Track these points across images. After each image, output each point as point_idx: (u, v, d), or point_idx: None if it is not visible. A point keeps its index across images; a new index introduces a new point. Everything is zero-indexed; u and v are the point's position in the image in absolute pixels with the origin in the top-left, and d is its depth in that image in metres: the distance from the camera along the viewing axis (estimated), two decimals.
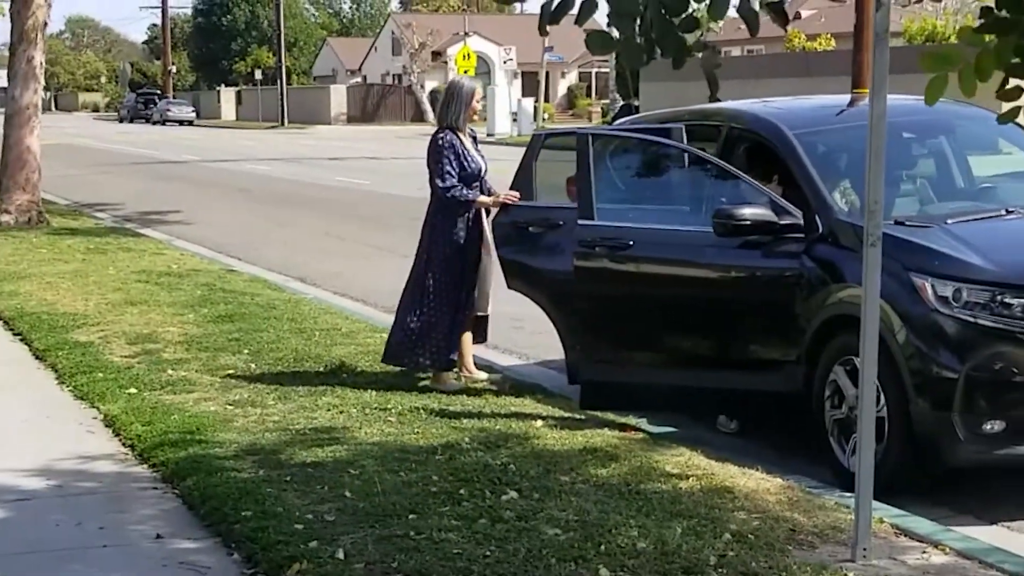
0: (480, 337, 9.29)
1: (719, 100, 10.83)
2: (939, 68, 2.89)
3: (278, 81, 78.47)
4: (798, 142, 8.11)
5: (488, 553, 5.53)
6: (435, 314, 8.93)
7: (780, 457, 7.51)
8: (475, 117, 9.15)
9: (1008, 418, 6.59)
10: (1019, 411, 6.60)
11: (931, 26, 50.32)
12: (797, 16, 63.75)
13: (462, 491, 6.37)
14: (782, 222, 7.64)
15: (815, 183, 7.81)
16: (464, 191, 8.97)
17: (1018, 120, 3.34)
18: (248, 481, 6.58)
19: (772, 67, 49.95)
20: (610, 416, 8.10)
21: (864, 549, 5.67)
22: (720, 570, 5.38)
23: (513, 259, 8.82)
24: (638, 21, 2.87)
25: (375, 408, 8.20)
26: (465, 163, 9.02)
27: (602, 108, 75.08)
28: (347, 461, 6.95)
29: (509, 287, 8.85)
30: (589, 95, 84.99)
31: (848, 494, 6.60)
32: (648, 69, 56.60)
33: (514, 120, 57.65)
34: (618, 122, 10.35)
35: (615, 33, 3.08)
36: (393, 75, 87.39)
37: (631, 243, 8.17)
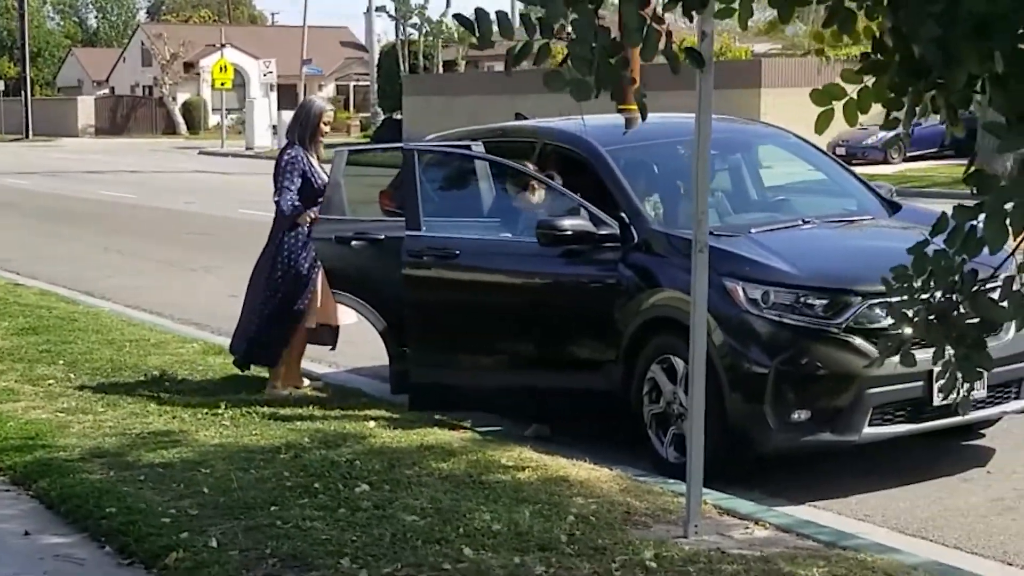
0: (331, 345, 9.82)
1: (526, 118, 11.66)
2: (826, 103, 3.53)
3: (22, 92, 76.47)
4: (611, 157, 8.86)
5: (355, 538, 6.05)
6: (275, 322, 9.39)
7: (598, 451, 8.16)
8: (322, 137, 9.65)
9: (813, 408, 7.42)
10: (823, 401, 7.44)
11: (692, 44, 52.39)
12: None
13: (316, 485, 6.86)
14: (600, 232, 8.35)
15: (629, 196, 8.56)
16: (292, 203, 9.42)
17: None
18: (102, 481, 6.94)
19: (537, 83, 51.02)
20: (438, 417, 8.64)
21: (695, 526, 6.38)
22: (571, 547, 6.00)
23: (338, 272, 9.32)
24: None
25: (206, 413, 8.60)
26: (311, 180, 9.53)
27: (362, 121, 75.50)
28: (195, 461, 7.36)
29: (336, 300, 9.34)
30: (347, 108, 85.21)
31: (672, 480, 7.36)
32: (411, 84, 57.07)
33: (274, 133, 57.59)
34: (428, 137, 10.92)
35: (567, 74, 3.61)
36: (143, 86, 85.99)
37: (458, 252, 8.78)
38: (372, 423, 8.37)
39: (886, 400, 7.45)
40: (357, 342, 10.57)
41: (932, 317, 3.36)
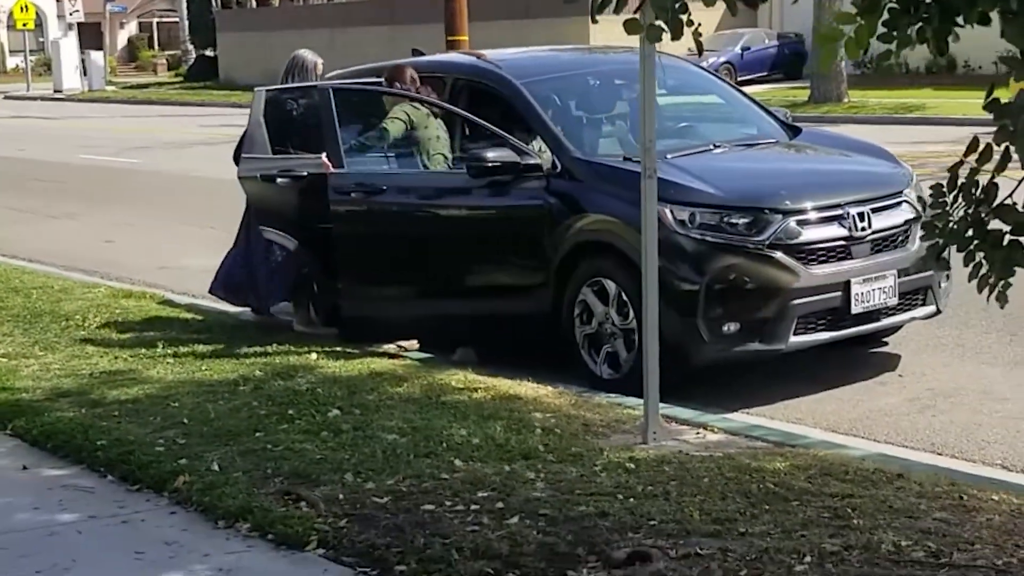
0: None
1: (423, 54, 12.22)
2: (829, 42, 4.17)
3: None
4: (527, 90, 9.47)
5: (348, 456, 6.62)
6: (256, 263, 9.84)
7: (526, 372, 8.72)
8: None
9: (743, 320, 8.18)
10: (751, 314, 8.20)
11: None
12: None
13: (290, 411, 7.40)
14: (524, 162, 8.98)
15: (548, 126, 9.19)
16: None
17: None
18: (79, 418, 7.38)
19: (359, 15, 51.32)
20: (372, 348, 9.17)
21: (654, 433, 7.09)
22: (551, 454, 6.66)
23: (265, 209, 9.79)
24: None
25: (146, 353, 9.04)
26: None
27: (169, 59, 74.49)
28: (161, 396, 7.83)
29: (265, 236, 9.79)
30: (152, 46, 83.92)
31: (613, 395, 8.08)
32: (225, 20, 56.37)
33: (83, 74, 56.70)
34: (330, 75, 11.33)
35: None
36: None
37: (384, 188, 9.33)
38: (313, 355, 8.89)
39: (809, 310, 8.25)
40: None
41: (969, 230, 4.01)
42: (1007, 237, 3.99)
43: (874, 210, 8.53)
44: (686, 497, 5.91)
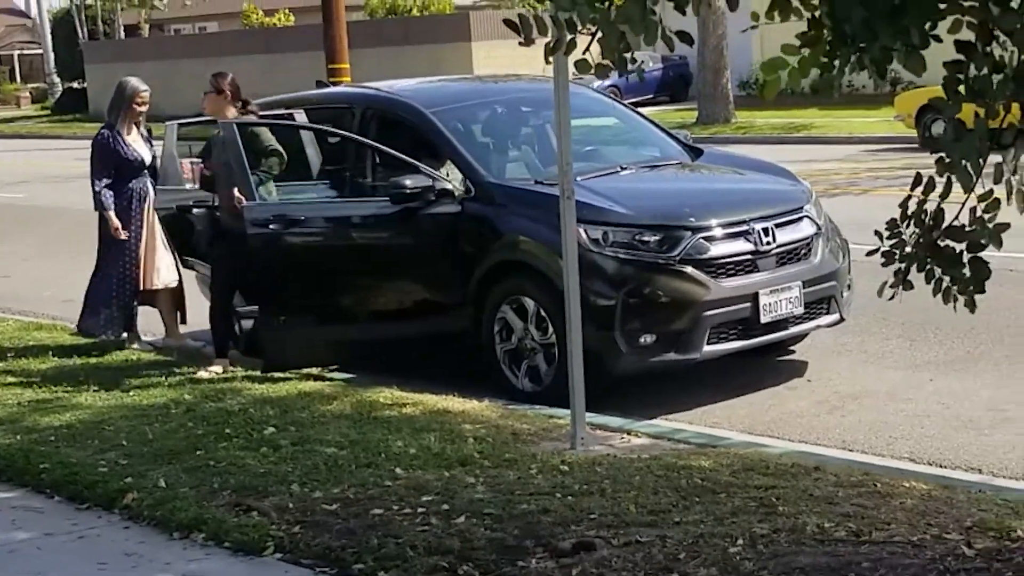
0: (181, 319, 10.72)
1: (328, 86, 12.77)
2: (773, 71, 4.73)
3: None
4: (437, 119, 10.01)
5: (291, 469, 7.07)
6: (107, 290, 10.30)
7: (455, 388, 9.23)
8: (139, 116, 10.54)
9: (658, 331, 8.78)
10: (666, 325, 8.80)
11: (391, 1, 53.55)
12: None
13: (226, 431, 7.84)
14: (440, 187, 9.50)
15: (461, 153, 9.74)
16: (107, 198, 10.48)
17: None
18: (16, 444, 7.76)
19: (232, 44, 51.50)
20: (292, 372, 9.62)
21: (582, 439, 7.63)
22: (485, 461, 7.17)
23: (184, 240, 10.23)
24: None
25: (70, 381, 9.43)
26: (123, 156, 10.42)
27: (33, 92, 73.89)
28: (95, 422, 8.22)
29: (184, 266, 10.22)
30: (13, 79, 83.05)
31: (537, 406, 8.61)
32: (93, 51, 56.12)
33: None
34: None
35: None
36: None
37: (303, 217, 9.77)
38: (240, 378, 9.32)
39: (720, 321, 8.87)
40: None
41: (927, 255, 4.60)
42: (965, 255, 4.59)
43: (778, 225, 9.20)
44: (621, 493, 6.45)
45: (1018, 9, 4.36)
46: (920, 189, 4.60)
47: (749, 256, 9.01)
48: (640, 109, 11.81)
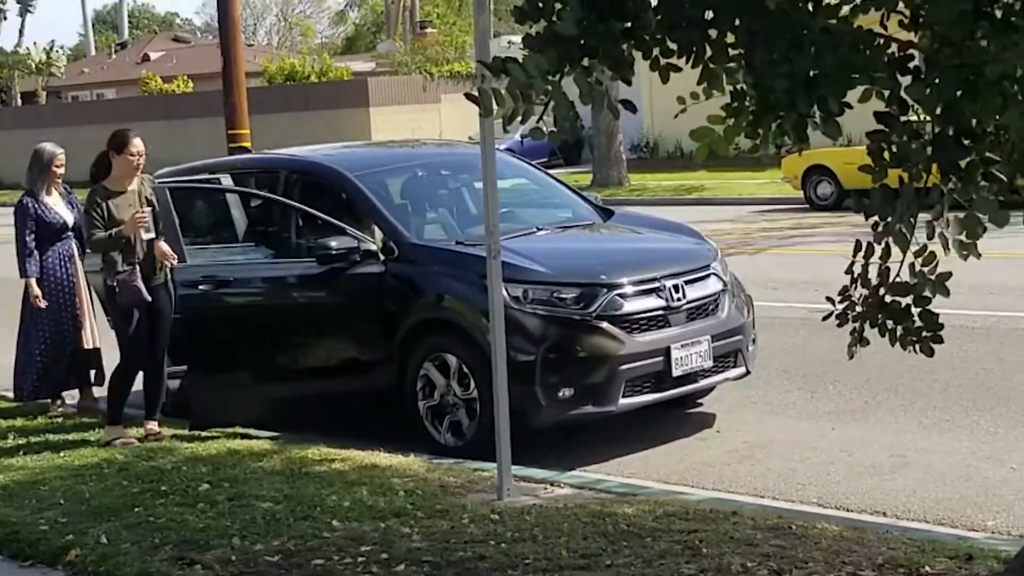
0: (98, 380, 10.73)
1: (248, 151, 12.99)
2: (702, 138, 4.98)
3: None
4: (360, 182, 10.20)
5: (230, 523, 7.17)
6: (31, 352, 10.37)
7: (377, 443, 9.37)
8: (58, 179, 10.61)
9: (576, 385, 8.98)
10: (584, 379, 9.00)
11: (289, 66, 53.72)
12: (146, 58, 65.42)
13: (162, 488, 7.92)
14: (364, 248, 9.68)
15: (383, 214, 9.92)
16: (30, 265, 10.60)
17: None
18: None
19: (132, 111, 51.29)
20: (218, 431, 9.71)
21: (508, 489, 7.81)
22: (417, 512, 7.33)
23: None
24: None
25: None
26: (45, 220, 10.50)
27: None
28: (29, 482, 8.26)
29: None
30: None
31: (460, 460, 8.78)
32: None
33: None
34: (161, 172, 11.84)
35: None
36: None
37: (231, 278, 9.90)
38: (168, 438, 9.38)
39: (635, 374, 9.11)
40: None
41: (879, 312, 4.90)
42: (913, 308, 4.88)
43: (687, 282, 9.48)
44: (552, 539, 6.64)
45: (924, 80, 4.66)
46: (861, 254, 4.88)
47: (661, 312, 9.27)
48: None
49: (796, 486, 8.23)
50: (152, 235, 9.41)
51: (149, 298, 9.37)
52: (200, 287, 9.86)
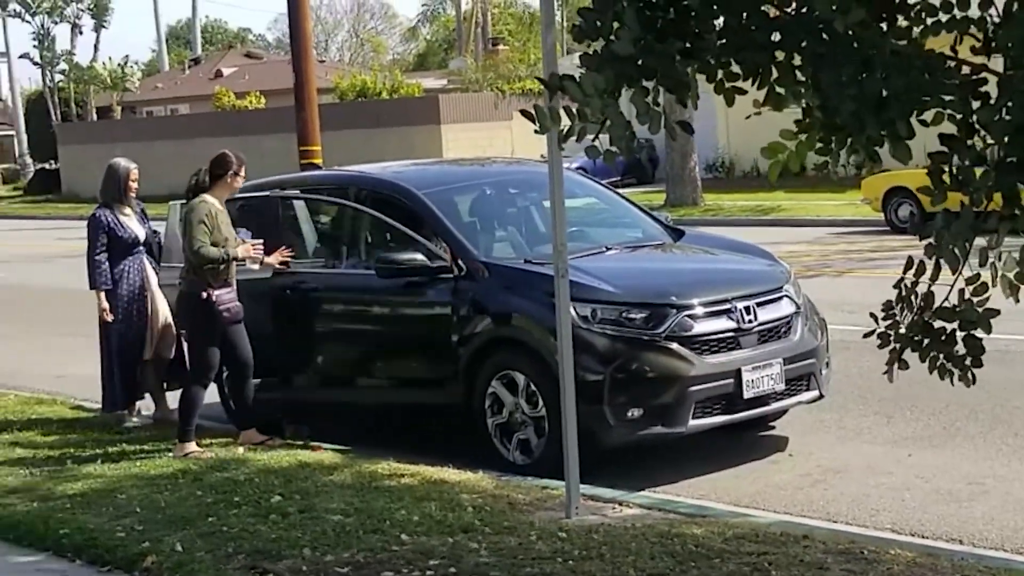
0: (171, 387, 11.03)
1: (319, 167, 13.31)
2: (774, 155, 5.11)
3: None
4: (429, 200, 10.40)
5: (300, 535, 7.37)
6: (108, 367, 10.64)
7: (447, 459, 9.54)
8: (131, 194, 10.92)
9: (645, 405, 9.12)
10: (653, 400, 9.13)
11: (361, 83, 54.14)
12: (219, 74, 66.16)
13: (235, 499, 8.13)
14: (433, 264, 9.89)
15: (451, 233, 10.11)
16: (100, 277, 10.83)
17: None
18: (34, 511, 8.05)
19: (205, 126, 51.98)
20: (289, 444, 9.94)
21: (576, 508, 7.95)
22: (485, 528, 7.48)
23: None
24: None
25: (74, 453, 9.70)
26: (118, 234, 10.79)
27: (4, 173, 74.12)
28: (107, 490, 8.51)
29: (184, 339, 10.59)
30: None
31: (529, 477, 8.94)
32: (66, 133, 56.37)
33: None
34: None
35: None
36: None
37: (307, 287, 10.24)
38: (241, 449, 9.62)
39: (705, 396, 9.22)
40: None
41: (920, 335, 4.97)
42: (959, 334, 4.95)
43: (759, 304, 9.58)
44: (619, 558, 6.77)
45: (995, 104, 4.76)
46: (912, 272, 4.96)
47: (732, 333, 9.38)
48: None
49: (870, 511, 8.29)
50: (258, 267, 9.77)
51: (241, 317, 9.79)
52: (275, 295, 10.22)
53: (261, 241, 10.01)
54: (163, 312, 10.92)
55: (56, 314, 19.23)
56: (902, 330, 5.06)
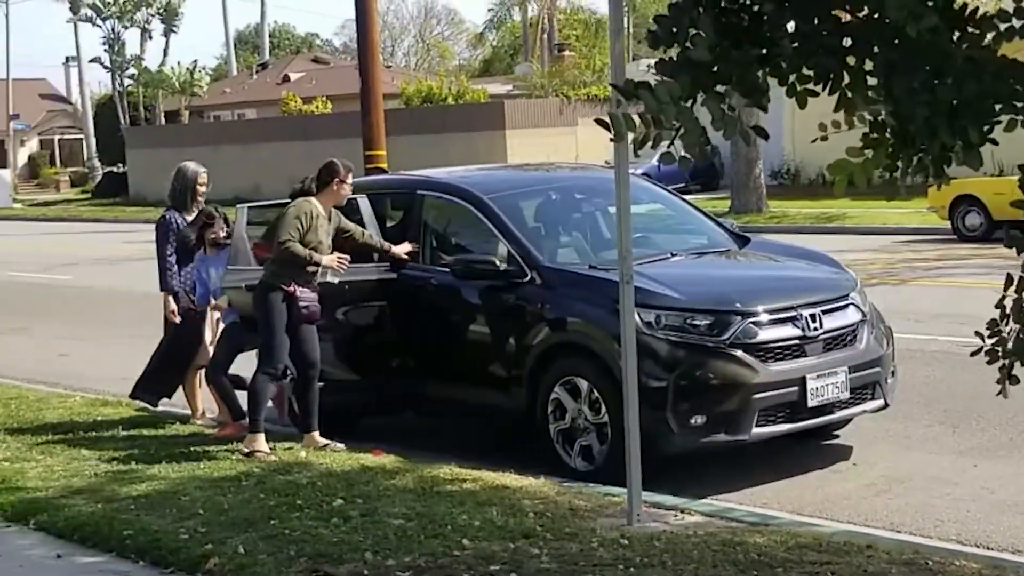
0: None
1: (386, 172, 13.41)
2: (842, 172, 5.05)
3: None
4: (494, 204, 10.40)
5: (362, 539, 7.36)
6: (171, 362, 10.76)
7: (503, 464, 9.51)
8: (200, 197, 11.01)
9: (709, 412, 9.06)
10: (717, 407, 9.08)
11: (427, 88, 54.26)
12: (287, 79, 66.58)
13: (298, 501, 8.14)
14: (502, 268, 9.89)
15: (517, 237, 10.10)
16: (169, 279, 11.06)
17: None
18: (99, 512, 8.09)
19: (272, 131, 52.32)
20: (351, 447, 9.95)
21: (638, 515, 7.90)
22: (547, 534, 7.45)
23: (250, 317, 10.64)
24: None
25: (141, 454, 9.76)
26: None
27: (72, 176, 75.00)
28: (171, 491, 8.54)
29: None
30: (53, 163, 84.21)
31: (591, 484, 8.90)
32: (134, 136, 56.86)
33: None
34: None
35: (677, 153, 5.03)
36: None
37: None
38: (303, 453, 9.64)
39: (769, 404, 9.15)
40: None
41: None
42: None
43: (824, 312, 9.50)
44: (681, 565, 6.73)
45: None
46: (1012, 288, 4.91)
47: (797, 341, 9.30)
48: None
49: (934, 522, 8.20)
50: (336, 280, 10.08)
51: (318, 319, 9.98)
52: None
53: (348, 257, 10.09)
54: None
55: (121, 317, 19.40)
56: (1010, 345, 4.99)
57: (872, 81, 4.93)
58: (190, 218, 11.16)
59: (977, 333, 5.15)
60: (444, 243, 10.66)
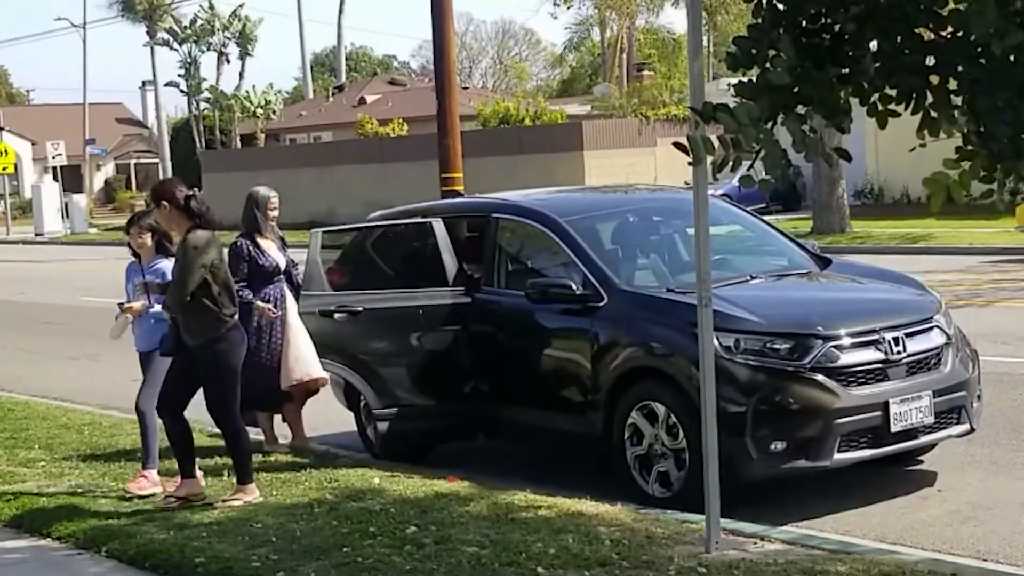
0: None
1: (461, 195, 13.46)
2: (936, 185, 5.01)
3: None
4: (571, 227, 10.39)
5: (436, 567, 7.37)
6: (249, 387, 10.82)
7: (578, 491, 9.49)
8: (271, 222, 11.07)
9: (789, 438, 8.98)
10: (797, 432, 8.99)
11: (504, 109, 54.40)
12: (363, 101, 66.95)
13: (371, 529, 8.16)
14: (579, 292, 9.88)
15: (593, 260, 10.08)
16: (246, 295, 10.94)
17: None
18: (170, 539, 8.14)
19: (347, 153, 52.63)
20: (425, 474, 9.97)
21: (716, 543, 7.84)
22: (623, 562, 7.42)
23: (324, 342, 10.71)
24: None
25: (214, 483, 9.79)
26: (258, 263, 10.93)
27: (146, 201, 75.77)
28: (242, 519, 8.58)
29: (324, 368, 10.69)
30: (129, 188, 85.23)
31: (668, 510, 8.84)
32: (210, 160, 57.50)
33: (64, 217, 57.99)
34: (373, 215, 12.29)
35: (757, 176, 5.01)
36: None
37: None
38: (376, 479, 9.67)
39: (851, 429, 9.05)
40: None
41: None
42: None
43: (908, 335, 9.39)
44: None
45: None
46: None
47: (879, 365, 9.20)
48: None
49: (1023, 550, 8.07)
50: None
51: None
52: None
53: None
54: (302, 340, 11.00)
55: None
56: None
57: (955, 100, 4.89)
58: (261, 243, 11.21)
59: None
60: (519, 267, 10.66)
